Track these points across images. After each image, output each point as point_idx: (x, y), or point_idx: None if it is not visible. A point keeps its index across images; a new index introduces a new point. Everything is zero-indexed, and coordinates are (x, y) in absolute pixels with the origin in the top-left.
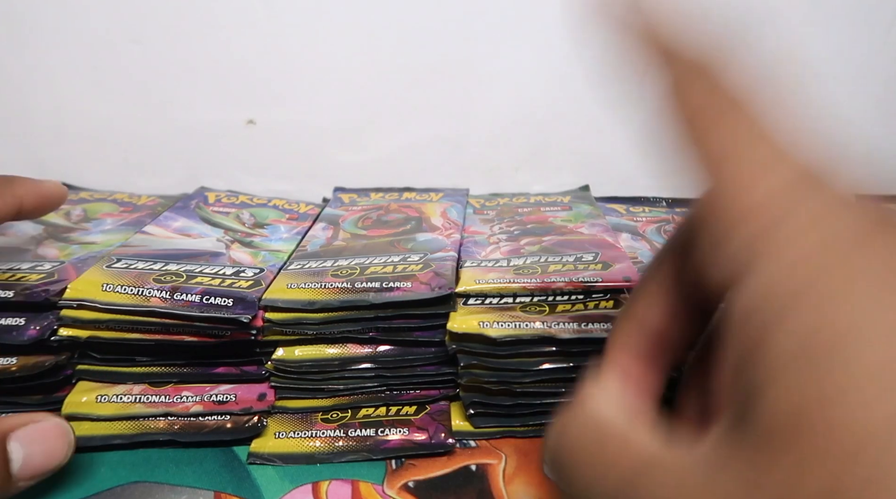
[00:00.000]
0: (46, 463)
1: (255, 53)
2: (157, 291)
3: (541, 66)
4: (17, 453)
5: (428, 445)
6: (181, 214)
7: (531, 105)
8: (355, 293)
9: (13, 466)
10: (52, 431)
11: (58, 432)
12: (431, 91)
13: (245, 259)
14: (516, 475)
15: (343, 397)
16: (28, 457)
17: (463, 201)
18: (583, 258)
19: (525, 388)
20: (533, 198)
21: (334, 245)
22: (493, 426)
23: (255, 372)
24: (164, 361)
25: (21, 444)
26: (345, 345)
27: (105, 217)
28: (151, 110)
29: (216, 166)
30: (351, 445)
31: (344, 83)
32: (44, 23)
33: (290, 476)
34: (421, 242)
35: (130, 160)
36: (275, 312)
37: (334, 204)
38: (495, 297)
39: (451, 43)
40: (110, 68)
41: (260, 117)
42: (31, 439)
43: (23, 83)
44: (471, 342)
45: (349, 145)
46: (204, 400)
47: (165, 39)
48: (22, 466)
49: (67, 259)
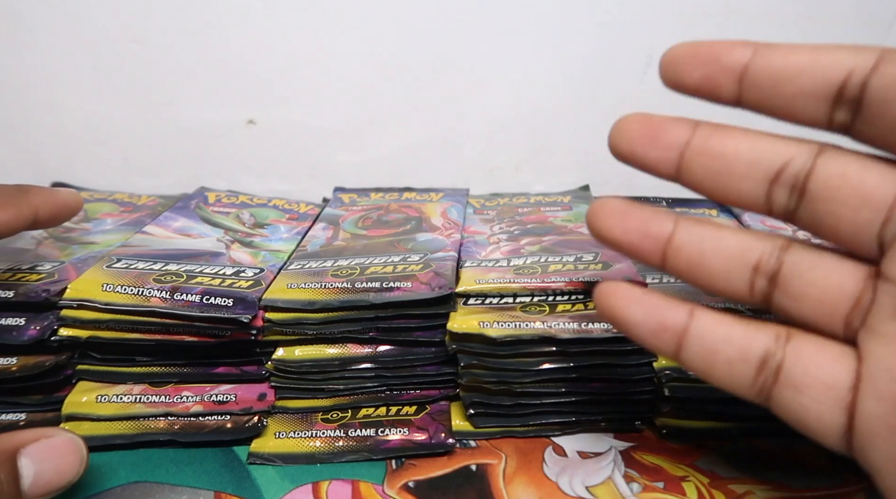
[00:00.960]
0: (58, 480)
1: (255, 53)
2: (158, 291)
3: (541, 66)
4: (28, 470)
5: (428, 445)
6: (181, 214)
7: (531, 105)
8: (355, 293)
9: (23, 482)
10: (65, 446)
11: (70, 447)
12: (431, 91)
13: (245, 259)
14: (516, 475)
15: (343, 397)
16: (39, 474)
17: (463, 201)
18: (583, 258)
19: (525, 388)
20: (533, 198)
21: (334, 245)
22: (493, 426)
23: (255, 372)
24: (164, 361)
25: (32, 460)
26: (345, 345)
27: (105, 217)
28: (151, 110)
29: (216, 166)
30: (351, 445)
31: (344, 83)
32: (44, 23)
33: (291, 476)
34: (421, 242)
35: (130, 160)
36: (275, 312)
37: (334, 204)
38: (495, 297)
39: (451, 43)
40: (110, 68)
41: (260, 117)
42: (43, 455)
43: (23, 83)
44: (471, 342)
45: (349, 145)
46: (204, 400)
47: (165, 39)
48: (33, 483)
49: (67, 259)
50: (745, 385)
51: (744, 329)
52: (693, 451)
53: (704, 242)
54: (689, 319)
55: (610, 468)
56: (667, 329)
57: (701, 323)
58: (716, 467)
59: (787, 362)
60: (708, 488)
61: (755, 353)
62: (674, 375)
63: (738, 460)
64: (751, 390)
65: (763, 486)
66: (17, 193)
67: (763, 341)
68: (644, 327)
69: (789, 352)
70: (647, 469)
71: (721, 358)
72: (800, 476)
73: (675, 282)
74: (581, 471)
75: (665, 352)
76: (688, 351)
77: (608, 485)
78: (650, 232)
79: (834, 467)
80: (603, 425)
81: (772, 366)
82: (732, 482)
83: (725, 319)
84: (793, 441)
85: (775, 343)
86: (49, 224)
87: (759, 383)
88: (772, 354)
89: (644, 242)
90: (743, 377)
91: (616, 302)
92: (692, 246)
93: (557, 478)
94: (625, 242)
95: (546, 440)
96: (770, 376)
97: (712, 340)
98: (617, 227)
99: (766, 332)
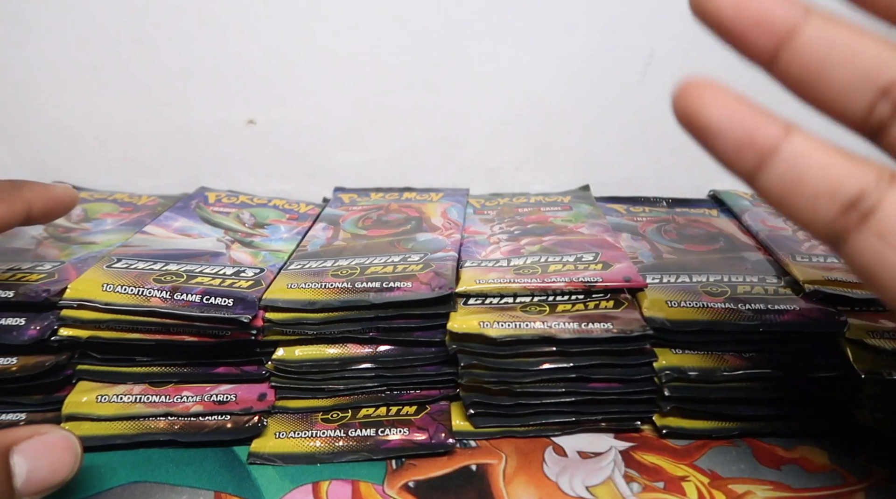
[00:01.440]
0: (51, 477)
1: (255, 53)
2: (158, 291)
3: (541, 66)
4: (21, 467)
5: (428, 445)
6: (181, 214)
7: (531, 105)
8: (355, 293)
9: (16, 480)
10: (58, 444)
11: (64, 444)
12: (431, 91)
13: (245, 259)
14: (516, 475)
15: (343, 397)
16: (32, 471)
17: (463, 201)
18: (583, 258)
19: (525, 388)
20: (533, 198)
21: (334, 245)
22: (493, 426)
23: (255, 372)
24: (164, 361)
25: (25, 458)
26: (345, 345)
27: (105, 217)
28: (151, 110)
29: (216, 166)
30: (351, 445)
31: (344, 83)
32: (44, 23)
33: (291, 476)
34: (421, 242)
35: (130, 160)
36: (275, 312)
37: (334, 204)
38: (495, 297)
39: (451, 43)
40: (111, 68)
41: (260, 117)
42: (36, 453)
43: (23, 83)
44: (471, 342)
45: (349, 145)
46: (204, 400)
47: (166, 39)
48: (26, 480)
49: (68, 259)
50: (821, 223)
51: (844, 161)
52: (693, 451)
53: (836, 48)
54: (784, 136)
55: (610, 468)
56: (755, 144)
57: (795, 144)
58: (716, 467)
59: (882, 207)
60: (708, 488)
61: (849, 190)
62: (674, 375)
63: (738, 460)
64: (825, 228)
65: (763, 486)
66: (10, 187)
67: (862, 179)
68: (729, 137)
69: (889, 197)
70: (647, 469)
71: (807, 189)
72: (800, 476)
73: (677, 281)
74: (581, 471)
75: (741, 171)
76: (769, 174)
77: (608, 485)
78: (771, 19)
79: (834, 467)
80: (603, 425)
81: (862, 208)
82: (732, 482)
83: (824, 146)
84: (793, 441)
85: (876, 183)
86: (44, 219)
87: (840, 224)
88: (868, 194)
89: (758, 30)
90: (823, 214)
91: (700, 103)
92: (819, 49)
93: (557, 478)
94: (734, 25)
95: (546, 440)
96: (856, 218)
97: (804, 166)
98: (729, 4)
99: (869, 169)
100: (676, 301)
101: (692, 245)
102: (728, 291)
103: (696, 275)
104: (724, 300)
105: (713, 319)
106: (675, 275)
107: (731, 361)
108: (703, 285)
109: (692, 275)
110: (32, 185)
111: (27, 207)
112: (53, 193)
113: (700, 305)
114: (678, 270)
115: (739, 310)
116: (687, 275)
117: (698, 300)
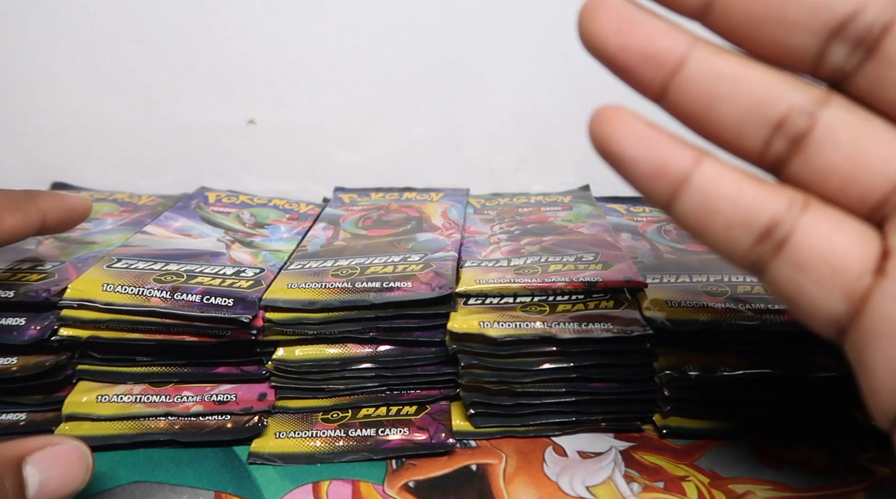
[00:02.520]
0: (63, 488)
1: (255, 53)
2: (158, 291)
3: (541, 65)
4: (34, 478)
5: (428, 445)
6: (181, 214)
7: (531, 105)
8: (356, 293)
9: (29, 491)
10: (70, 454)
11: (76, 455)
12: (431, 91)
13: (245, 259)
14: (516, 475)
15: (343, 397)
16: (44, 481)
17: (463, 201)
18: (583, 258)
19: (525, 388)
20: (533, 198)
21: (335, 245)
22: (493, 426)
23: (255, 372)
24: (164, 361)
25: (37, 468)
26: (345, 345)
27: (105, 217)
28: (151, 110)
29: (216, 166)
30: (351, 445)
31: (344, 83)
32: (44, 23)
33: (291, 476)
34: (421, 241)
35: (130, 160)
36: (275, 312)
37: (334, 204)
38: (496, 297)
39: (451, 43)
40: (111, 68)
41: (260, 117)
42: (48, 463)
43: (23, 83)
44: (471, 342)
45: (350, 145)
46: (204, 400)
47: (166, 39)
48: (38, 491)
49: (68, 259)
50: (738, 252)
51: (756, 189)
52: (693, 451)
53: (722, 81)
54: (694, 165)
55: (610, 468)
56: (666, 173)
57: (706, 173)
58: (716, 467)
59: (795, 236)
60: (708, 488)
61: (762, 220)
62: (674, 375)
63: (738, 460)
64: (744, 258)
65: (763, 486)
66: (25, 198)
67: (774, 208)
68: (641, 167)
69: (801, 224)
70: (647, 469)
71: (720, 219)
72: (800, 476)
73: (677, 281)
74: (581, 471)
75: (656, 200)
76: (683, 204)
77: (608, 485)
78: (657, 52)
79: (834, 467)
80: (603, 425)
81: (777, 236)
82: (732, 482)
83: (736, 173)
84: (793, 441)
85: (787, 211)
86: (57, 229)
87: (756, 253)
88: (780, 222)
89: (645, 66)
90: (739, 244)
91: (612, 132)
92: (705, 84)
93: (558, 478)
94: (620, 59)
95: (546, 440)
96: (771, 247)
97: (715, 196)
98: (614, 38)
99: (780, 196)
100: (676, 301)
101: (692, 245)
102: (728, 291)
103: (696, 275)
104: (724, 300)
105: (713, 319)
106: (675, 275)
107: (731, 362)
108: (704, 285)
109: (692, 275)
110: (47, 195)
111: (42, 217)
112: (68, 203)
113: (700, 305)
114: (678, 270)
115: (739, 310)
116: (687, 275)
117: (698, 300)
